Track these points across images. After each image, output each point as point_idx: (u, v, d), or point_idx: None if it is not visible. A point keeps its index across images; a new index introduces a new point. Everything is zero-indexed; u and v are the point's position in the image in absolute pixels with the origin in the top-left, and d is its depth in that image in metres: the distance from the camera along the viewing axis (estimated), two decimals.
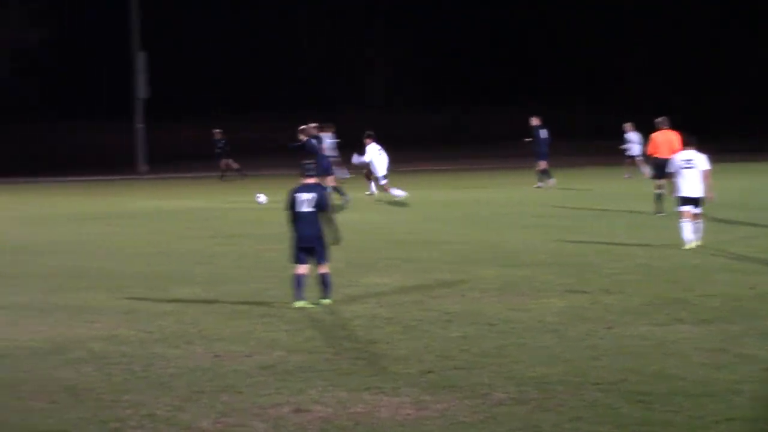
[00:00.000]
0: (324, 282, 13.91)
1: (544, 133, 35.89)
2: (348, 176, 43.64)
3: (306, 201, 13.90)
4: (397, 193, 32.80)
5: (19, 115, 77.03)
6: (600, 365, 10.31)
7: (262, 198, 33.26)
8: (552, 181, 35.18)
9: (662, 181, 24.46)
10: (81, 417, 8.55)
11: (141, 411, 8.76)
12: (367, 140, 34.21)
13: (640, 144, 36.59)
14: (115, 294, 15.10)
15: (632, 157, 38.11)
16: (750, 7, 69.53)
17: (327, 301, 13.84)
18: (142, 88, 65.48)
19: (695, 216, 18.78)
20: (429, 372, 10.09)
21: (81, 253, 20.62)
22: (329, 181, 31.94)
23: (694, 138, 19.83)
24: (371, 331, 12.18)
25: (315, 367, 10.35)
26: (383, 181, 33.38)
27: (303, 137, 31.82)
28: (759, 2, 68.47)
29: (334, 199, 30.85)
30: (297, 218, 13.91)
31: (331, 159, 44.38)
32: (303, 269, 13.89)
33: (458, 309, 13.37)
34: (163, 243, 22.10)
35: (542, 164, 35.66)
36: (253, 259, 18.81)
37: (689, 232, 18.65)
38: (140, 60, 65.91)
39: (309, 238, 13.89)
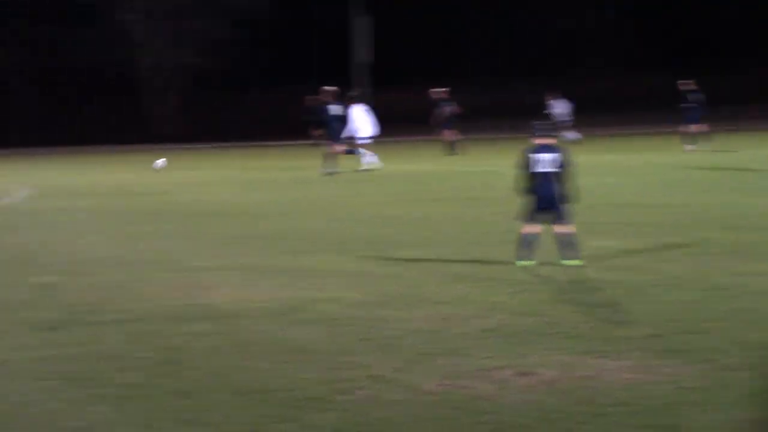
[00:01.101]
0: (570, 242, 13.77)
1: (694, 97, 37.45)
2: (580, 137, 43.45)
3: (547, 161, 13.81)
4: (369, 159, 33.15)
5: (242, 83, 79.30)
6: None
7: (159, 163, 34.90)
8: (692, 147, 35.52)
9: None
10: (309, 377, 8.76)
11: (366, 372, 8.92)
12: (350, 102, 34.29)
13: None
14: (342, 256, 15.38)
15: None
16: None
17: (577, 262, 13.70)
18: (362, 53, 66.27)
19: None
20: (654, 336, 9.94)
21: (308, 215, 21.09)
22: (336, 149, 32.81)
23: None
24: (594, 294, 12.08)
25: (537, 331, 10.32)
26: (361, 143, 33.93)
27: (321, 99, 33.10)
28: None
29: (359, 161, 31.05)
30: (536, 179, 13.84)
31: (565, 122, 44.78)
32: (533, 228, 13.84)
33: (684, 272, 13.13)
34: (388, 206, 22.38)
35: (694, 128, 36.24)
36: (477, 222, 18.86)
37: None
38: (361, 24, 66.63)
39: (549, 199, 13.79)
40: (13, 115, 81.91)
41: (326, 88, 33.51)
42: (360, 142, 33.76)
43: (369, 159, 33.49)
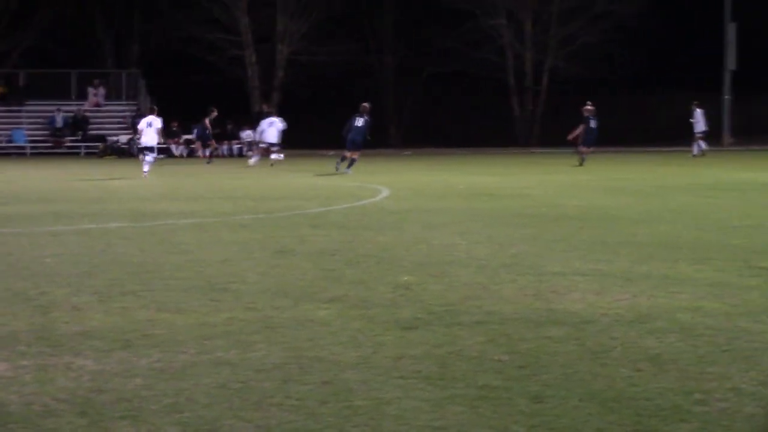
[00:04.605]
0: None
1: None
2: None
3: None
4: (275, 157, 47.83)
5: (622, 86, 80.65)
6: None
7: (252, 161, 48.07)
8: None
9: None
10: (665, 386, 8.59)
11: (725, 384, 8.66)
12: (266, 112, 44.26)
13: None
14: (700, 265, 15.02)
15: None
16: None
17: None
18: (731, 60, 64.63)
19: None
20: None
21: (671, 222, 20.78)
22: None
23: None
24: None
25: None
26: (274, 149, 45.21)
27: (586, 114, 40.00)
28: None
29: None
30: None
31: None
32: None
33: None
34: (752, 215, 21.72)
35: None
36: None
37: None
38: (730, 31, 64.97)
39: None
40: (390, 116, 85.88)
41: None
42: None
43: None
